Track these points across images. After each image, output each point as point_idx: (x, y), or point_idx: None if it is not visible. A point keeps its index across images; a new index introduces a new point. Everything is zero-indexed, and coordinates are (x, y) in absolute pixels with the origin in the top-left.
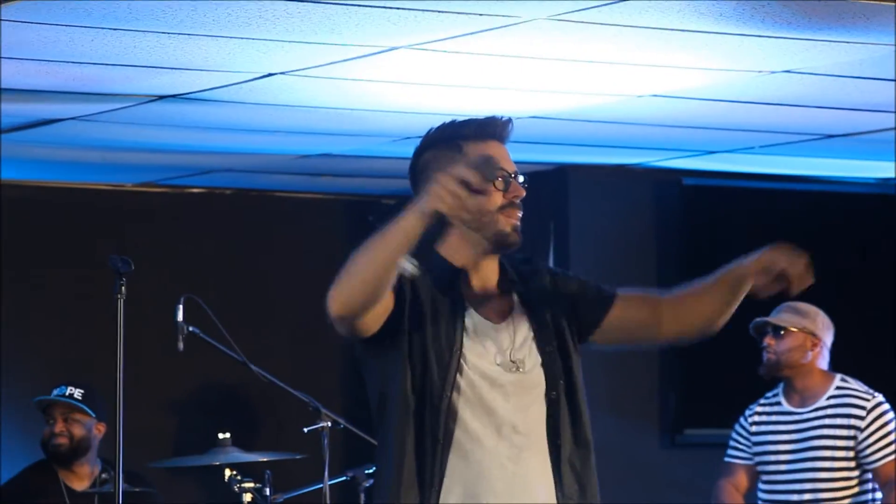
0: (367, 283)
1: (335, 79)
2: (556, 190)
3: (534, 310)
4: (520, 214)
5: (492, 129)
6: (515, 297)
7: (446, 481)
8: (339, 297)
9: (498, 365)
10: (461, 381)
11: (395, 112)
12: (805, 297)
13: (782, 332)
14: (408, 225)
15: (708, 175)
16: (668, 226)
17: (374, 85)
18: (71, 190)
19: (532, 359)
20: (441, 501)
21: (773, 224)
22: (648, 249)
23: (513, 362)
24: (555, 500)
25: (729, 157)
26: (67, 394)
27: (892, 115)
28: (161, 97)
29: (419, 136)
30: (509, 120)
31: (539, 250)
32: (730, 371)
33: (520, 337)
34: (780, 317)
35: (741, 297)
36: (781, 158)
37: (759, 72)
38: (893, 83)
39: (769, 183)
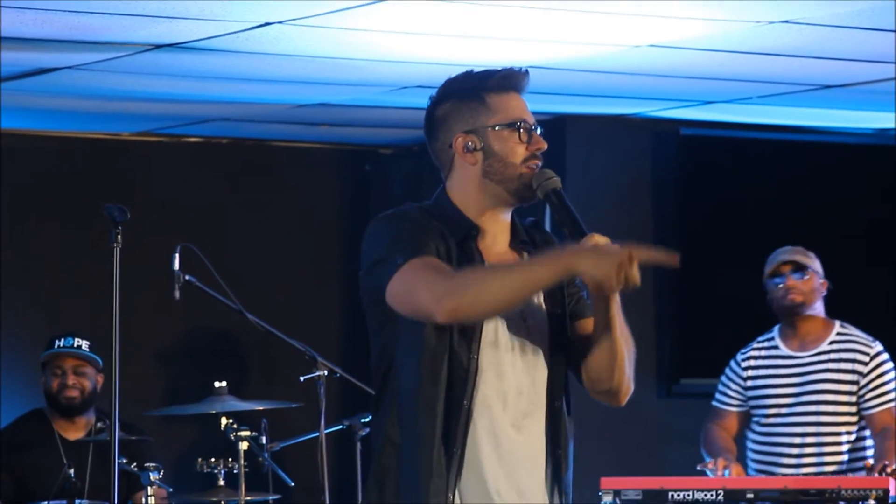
0: (489, 311)
1: (332, 28)
2: (554, 140)
3: None
4: (539, 165)
5: (513, 81)
6: (526, 257)
7: (467, 447)
8: (455, 314)
9: (510, 325)
10: (483, 342)
11: (392, 62)
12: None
13: (805, 273)
14: (550, 278)
15: (705, 125)
16: (665, 176)
17: (372, 34)
18: (68, 139)
19: (541, 320)
20: (464, 466)
21: (770, 174)
22: (645, 199)
23: (524, 322)
24: (546, 466)
25: (726, 107)
26: (76, 345)
27: (890, 65)
28: (158, 46)
29: (417, 86)
30: (527, 72)
31: (536, 209)
32: (726, 320)
33: (532, 298)
34: (794, 253)
35: (615, 324)
36: (779, 109)
37: (758, 22)
38: (891, 34)
39: (766, 133)
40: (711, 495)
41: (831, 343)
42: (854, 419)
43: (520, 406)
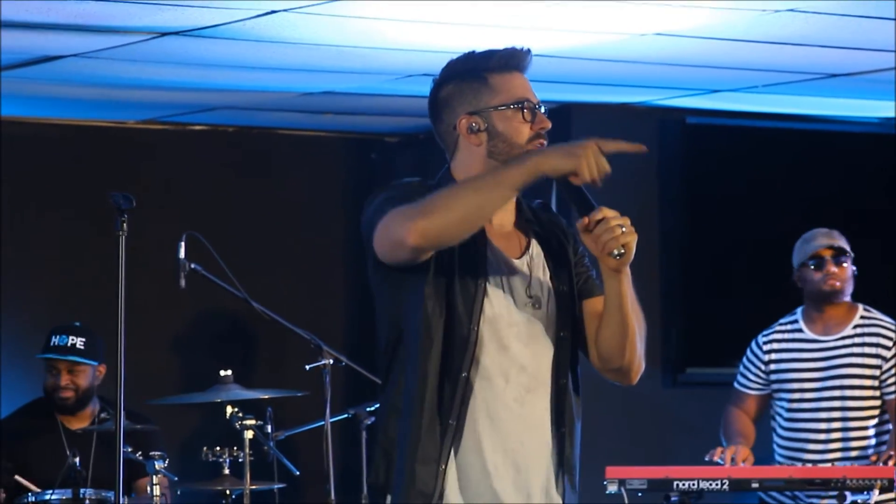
0: (462, 224)
1: (338, 16)
2: (560, 129)
3: (550, 249)
4: (545, 144)
5: (515, 60)
6: (531, 235)
7: (466, 419)
8: (427, 231)
9: (515, 301)
10: (485, 314)
11: (398, 50)
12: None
13: (845, 259)
14: (520, 179)
15: (711, 114)
16: (671, 164)
17: (377, 22)
18: (73, 127)
19: (547, 297)
20: (462, 438)
21: (775, 163)
22: (651, 188)
23: (530, 298)
24: (549, 444)
25: (732, 95)
26: (70, 345)
27: (895, 54)
28: (163, 34)
29: (422, 74)
30: (529, 51)
31: (542, 190)
32: (731, 309)
33: (536, 274)
34: (839, 241)
35: (625, 300)
36: (784, 97)
37: (763, 10)
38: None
39: (772, 122)
40: (717, 484)
41: (855, 327)
42: (879, 403)
43: (522, 381)
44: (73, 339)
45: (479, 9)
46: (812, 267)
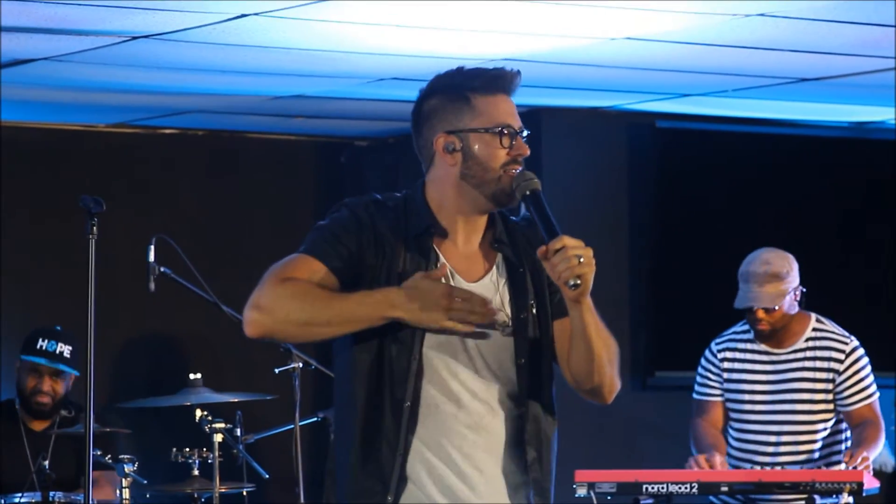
0: (301, 338)
1: (308, 20)
2: (530, 133)
3: (515, 272)
4: (519, 171)
5: (502, 83)
6: (499, 257)
7: (412, 448)
8: (267, 331)
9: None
10: (428, 342)
11: (368, 54)
12: (776, 241)
13: (773, 309)
14: (368, 321)
15: (681, 118)
16: (641, 168)
17: (348, 26)
18: (44, 130)
19: (503, 323)
20: (408, 467)
21: (746, 167)
22: (621, 192)
23: (483, 324)
24: (512, 469)
25: (702, 100)
26: (58, 352)
27: (865, 58)
28: (134, 37)
29: (392, 78)
30: (518, 73)
31: (515, 205)
32: (701, 313)
33: (494, 299)
34: (765, 291)
35: (588, 328)
36: (755, 102)
37: (734, 15)
38: (867, 27)
39: (742, 126)
40: (686, 488)
41: (807, 340)
42: (830, 415)
43: (475, 408)
44: (61, 347)
45: (448, 13)
46: (743, 306)
